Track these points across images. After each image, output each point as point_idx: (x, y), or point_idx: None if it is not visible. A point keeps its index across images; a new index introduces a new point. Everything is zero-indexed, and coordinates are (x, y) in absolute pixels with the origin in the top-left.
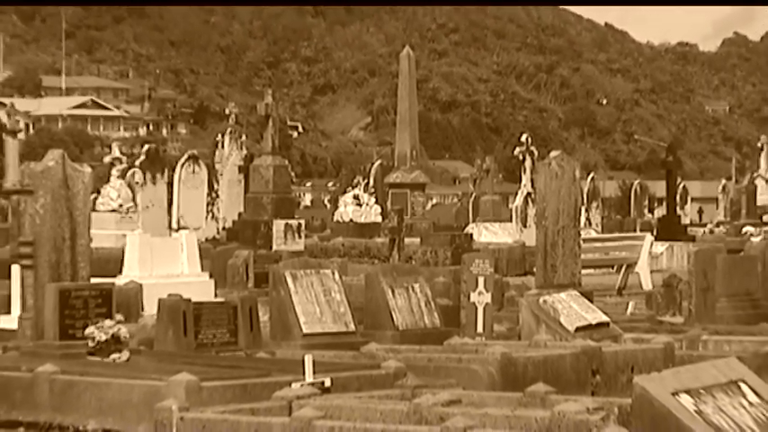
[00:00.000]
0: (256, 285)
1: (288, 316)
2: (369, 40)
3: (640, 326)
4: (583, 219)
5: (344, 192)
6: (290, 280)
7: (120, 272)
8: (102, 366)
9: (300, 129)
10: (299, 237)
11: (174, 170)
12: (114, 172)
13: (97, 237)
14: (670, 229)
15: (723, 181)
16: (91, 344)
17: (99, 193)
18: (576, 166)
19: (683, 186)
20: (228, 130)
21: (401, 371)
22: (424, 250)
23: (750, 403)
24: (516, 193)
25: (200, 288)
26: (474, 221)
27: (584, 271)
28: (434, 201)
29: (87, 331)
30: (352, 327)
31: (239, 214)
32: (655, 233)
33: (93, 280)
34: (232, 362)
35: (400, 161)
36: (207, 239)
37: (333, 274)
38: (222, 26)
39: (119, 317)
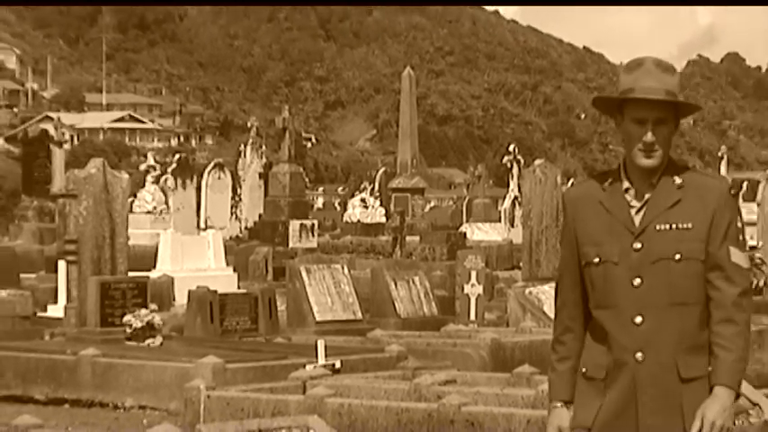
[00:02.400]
0: (275, 278)
1: (302, 305)
2: (374, 62)
3: None
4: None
5: (353, 195)
6: (304, 273)
7: (154, 266)
8: (138, 350)
9: (314, 140)
10: (313, 235)
11: (201, 176)
12: (149, 178)
13: (134, 235)
14: None
15: None
16: (128, 330)
17: (135, 196)
18: (557, 173)
19: None
20: (250, 141)
21: (403, 354)
22: (423, 247)
23: None
24: (505, 197)
25: (225, 281)
26: (467, 222)
27: None
28: (432, 203)
29: (125, 319)
30: (359, 315)
31: (259, 215)
32: None
33: (131, 274)
34: (253, 346)
35: (402, 168)
36: (231, 238)
37: (342, 268)
38: (245, 49)
39: (153, 306)
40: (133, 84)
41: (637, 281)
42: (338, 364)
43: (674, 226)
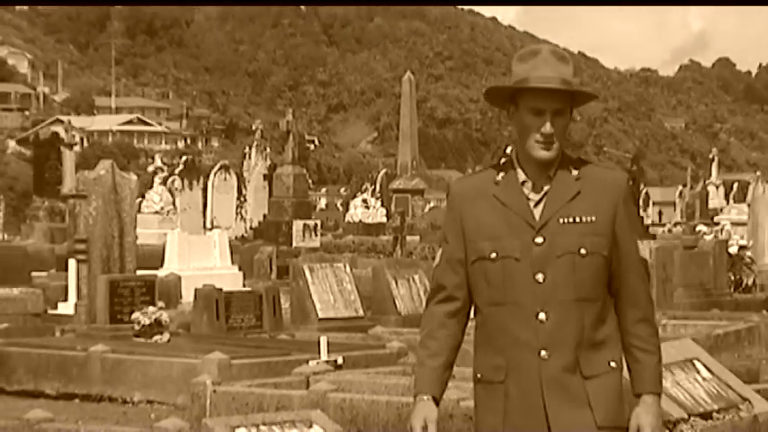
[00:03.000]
0: (279, 277)
1: (306, 303)
2: (375, 67)
3: None
4: None
5: (354, 196)
6: (307, 272)
7: (162, 265)
8: (146, 346)
9: (317, 142)
10: (316, 235)
11: (208, 178)
12: (157, 179)
13: (142, 235)
14: None
15: (680, 187)
16: (136, 327)
17: (143, 197)
18: None
19: (646, 192)
20: (255, 143)
21: (403, 350)
22: (423, 246)
23: (703, 378)
24: None
25: (231, 279)
26: None
27: None
28: (432, 204)
29: (133, 316)
30: (360, 312)
31: (264, 216)
32: None
33: (139, 272)
34: (258, 343)
35: (402, 170)
36: (236, 237)
37: (344, 267)
38: (249, 54)
39: (160, 304)
40: (141, 88)
41: (540, 276)
42: (340, 361)
43: (577, 219)
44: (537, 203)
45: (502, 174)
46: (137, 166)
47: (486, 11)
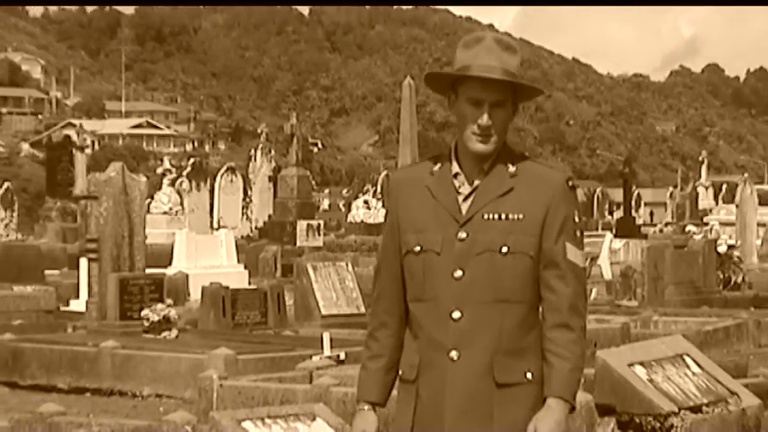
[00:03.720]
0: (283, 275)
1: (309, 300)
2: (376, 72)
3: (602, 309)
4: None
5: (356, 197)
6: (311, 271)
7: (170, 264)
8: (155, 342)
9: (320, 145)
10: (319, 235)
11: (214, 179)
12: (165, 181)
13: (151, 235)
14: (626, 229)
15: (670, 188)
16: (146, 324)
17: (152, 198)
18: None
19: (637, 193)
20: (260, 146)
21: None
22: None
23: (693, 373)
24: None
25: (237, 277)
26: None
27: None
28: None
29: (143, 313)
30: (362, 309)
31: (269, 216)
32: (614, 232)
33: (148, 271)
34: (263, 339)
35: None
36: (242, 237)
37: (347, 265)
38: (255, 60)
39: (169, 301)
40: (150, 92)
41: (458, 273)
42: (343, 356)
43: (503, 216)
44: (466, 197)
45: (438, 165)
46: (146, 169)
47: (484, 18)
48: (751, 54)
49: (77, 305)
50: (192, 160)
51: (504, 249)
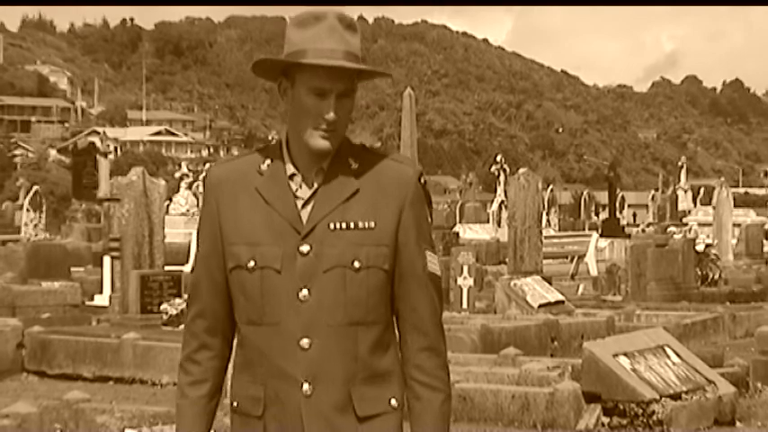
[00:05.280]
0: None
1: None
2: (379, 83)
3: (588, 303)
4: (544, 221)
5: None
6: None
7: (187, 261)
8: (174, 334)
9: None
10: None
11: None
12: (183, 184)
13: (169, 234)
14: (611, 229)
15: (652, 192)
16: (164, 317)
17: (171, 200)
18: (538, 180)
19: (622, 196)
20: None
21: None
22: None
23: (673, 363)
24: (493, 201)
25: None
26: (460, 223)
27: (545, 261)
28: None
29: (162, 307)
30: None
31: None
32: (599, 232)
33: (167, 268)
34: None
35: None
36: None
37: None
38: None
39: (186, 296)
40: (169, 102)
41: (304, 293)
42: None
43: (352, 224)
44: (306, 203)
45: (268, 161)
46: (165, 173)
47: (479, 33)
48: (727, 67)
49: (101, 300)
50: (207, 165)
51: (357, 264)
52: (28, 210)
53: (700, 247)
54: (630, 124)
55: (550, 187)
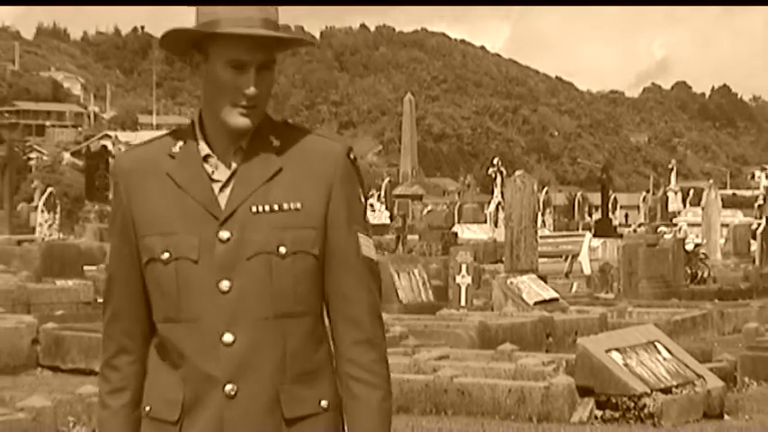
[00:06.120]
0: None
1: None
2: (380, 89)
3: (582, 300)
4: (539, 221)
5: None
6: None
7: None
8: None
9: None
10: None
11: None
12: None
13: None
14: (604, 229)
15: (643, 193)
16: None
17: None
18: (534, 182)
19: (614, 197)
20: None
21: (405, 334)
22: (422, 244)
23: (663, 358)
24: (490, 202)
25: None
26: (459, 223)
27: (540, 259)
28: (429, 208)
29: None
30: None
31: None
32: (593, 232)
33: None
34: None
35: (404, 178)
36: None
37: None
38: None
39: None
40: (178, 107)
41: (225, 284)
42: None
43: (276, 207)
44: (224, 186)
45: (180, 143)
46: None
47: (477, 41)
48: (716, 73)
49: None
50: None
51: (283, 250)
52: (42, 211)
53: (689, 247)
54: (622, 128)
55: (545, 189)
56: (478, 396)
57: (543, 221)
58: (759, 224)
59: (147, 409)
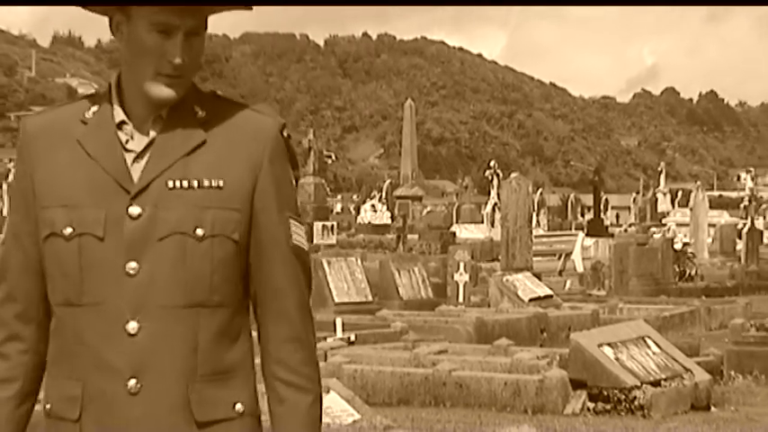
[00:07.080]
0: None
1: (324, 290)
2: (382, 94)
3: (575, 297)
4: (534, 221)
5: (364, 202)
6: (325, 264)
7: None
8: None
9: (333, 157)
10: (332, 234)
11: None
12: None
13: None
14: (596, 229)
15: (633, 194)
16: None
17: None
18: (528, 184)
19: (605, 198)
20: None
21: (405, 329)
22: (421, 244)
23: (653, 352)
24: (486, 203)
25: None
26: (457, 223)
27: (534, 258)
28: (428, 208)
29: None
30: (369, 298)
31: None
32: (585, 231)
33: None
34: None
35: (404, 180)
36: None
37: (356, 260)
38: (278, 84)
39: None
40: None
41: (132, 266)
42: (353, 338)
43: (195, 183)
44: (138, 157)
45: (94, 108)
46: None
47: (474, 48)
48: (703, 79)
49: None
50: None
51: (200, 232)
52: None
53: (677, 246)
54: (614, 132)
55: (540, 190)
56: (476, 389)
57: (538, 221)
58: (744, 224)
59: (48, 407)
